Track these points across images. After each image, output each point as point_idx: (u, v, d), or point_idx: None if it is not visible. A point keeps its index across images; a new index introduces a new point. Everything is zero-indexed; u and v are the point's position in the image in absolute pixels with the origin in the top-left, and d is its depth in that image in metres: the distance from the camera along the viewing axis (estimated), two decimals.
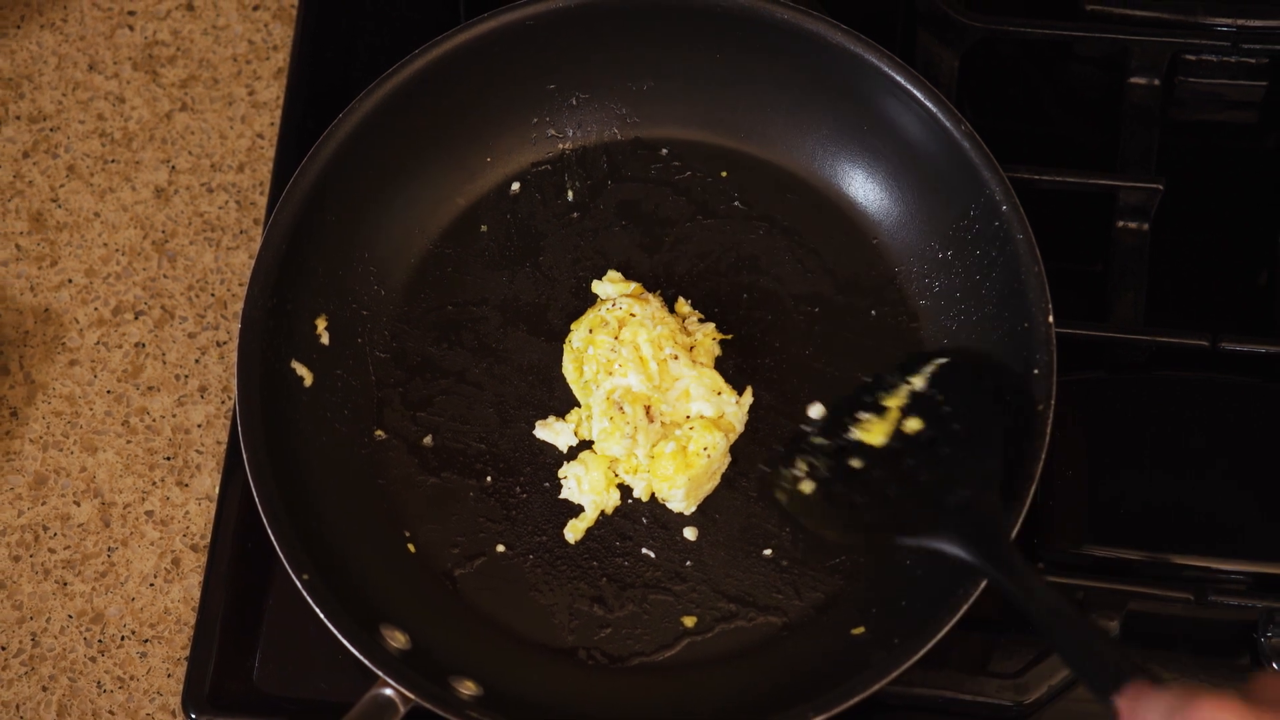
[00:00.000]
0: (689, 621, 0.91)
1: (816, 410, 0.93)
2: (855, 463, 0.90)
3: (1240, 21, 1.00)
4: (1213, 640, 0.93)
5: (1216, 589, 0.90)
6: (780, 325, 0.96)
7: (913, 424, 0.91)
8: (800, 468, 0.92)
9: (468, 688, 0.86)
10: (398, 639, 0.87)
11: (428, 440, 0.94)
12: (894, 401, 0.91)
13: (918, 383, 0.91)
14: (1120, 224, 0.98)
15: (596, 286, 0.97)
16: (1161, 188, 0.98)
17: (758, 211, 0.98)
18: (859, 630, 0.89)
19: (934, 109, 0.92)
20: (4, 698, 0.96)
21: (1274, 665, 0.90)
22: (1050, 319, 0.87)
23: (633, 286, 0.96)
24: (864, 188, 0.98)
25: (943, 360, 0.92)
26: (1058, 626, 0.78)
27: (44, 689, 0.96)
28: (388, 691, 0.84)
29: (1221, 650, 0.92)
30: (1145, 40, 1.00)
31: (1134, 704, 0.72)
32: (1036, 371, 0.87)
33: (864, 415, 0.92)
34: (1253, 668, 0.92)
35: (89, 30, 1.10)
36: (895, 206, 0.97)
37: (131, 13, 1.10)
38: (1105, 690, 0.74)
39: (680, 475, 0.91)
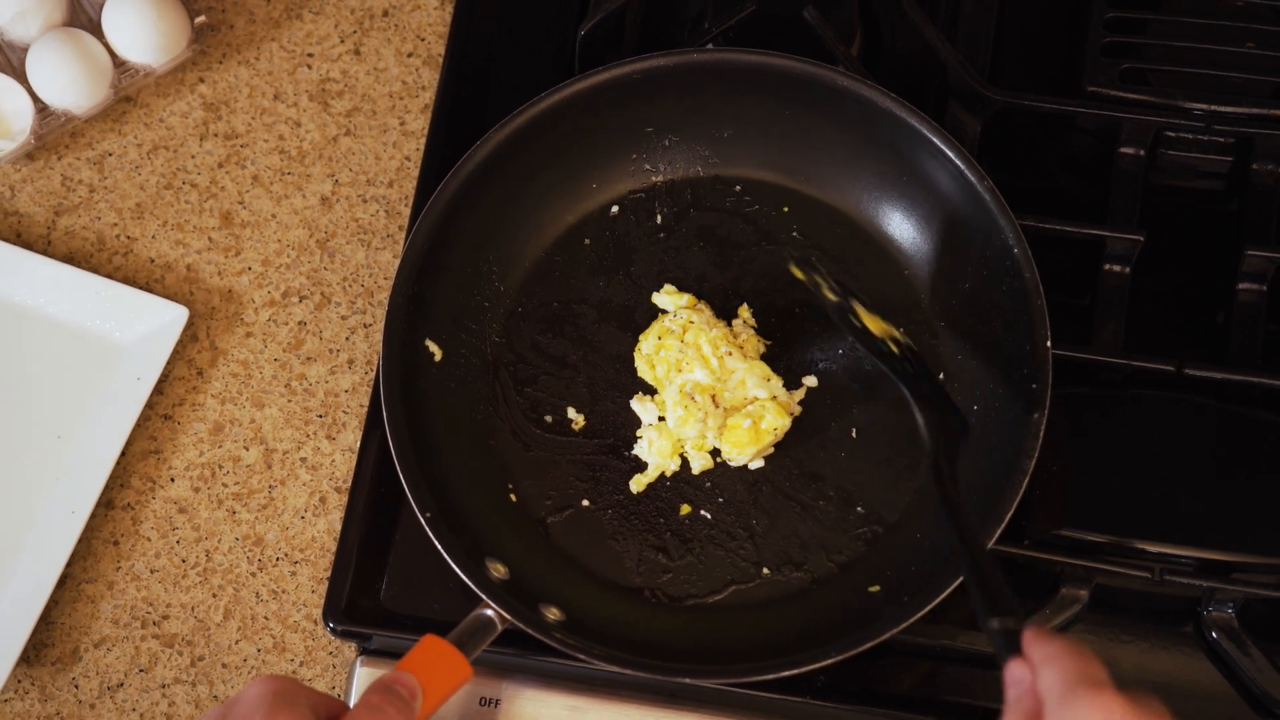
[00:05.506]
0: (735, 573, 0.93)
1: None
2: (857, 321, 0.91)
3: (1214, 107, 1.00)
4: (1165, 611, 0.92)
5: (1170, 570, 0.90)
6: (824, 335, 0.98)
7: (895, 349, 0.90)
8: (823, 283, 0.92)
9: (553, 613, 0.89)
10: (499, 570, 0.90)
11: (531, 410, 0.97)
12: (879, 328, 0.91)
13: (894, 346, 0.91)
14: (1107, 267, 0.97)
15: (655, 298, 0.99)
16: (1142, 239, 0.97)
17: (811, 241, 1.00)
18: (875, 588, 0.91)
19: (962, 166, 0.93)
20: (183, 600, 0.99)
21: (1213, 634, 0.90)
22: (1048, 344, 0.89)
23: (686, 298, 0.98)
24: (900, 227, 0.99)
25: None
26: (973, 551, 0.78)
27: (214, 596, 0.99)
28: (488, 612, 0.86)
29: (1172, 620, 0.92)
30: (1134, 118, 1.00)
31: (1039, 645, 0.70)
32: (1035, 386, 0.89)
33: (860, 309, 0.91)
34: (1196, 635, 0.91)
35: (275, 68, 1.12)
36: (925, 243, 0.98)
37: (310, 55, 1.12)
38: (994, 613, 0.73)
39: (750, 447, 0.94)
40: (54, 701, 0.98)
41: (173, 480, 1.02)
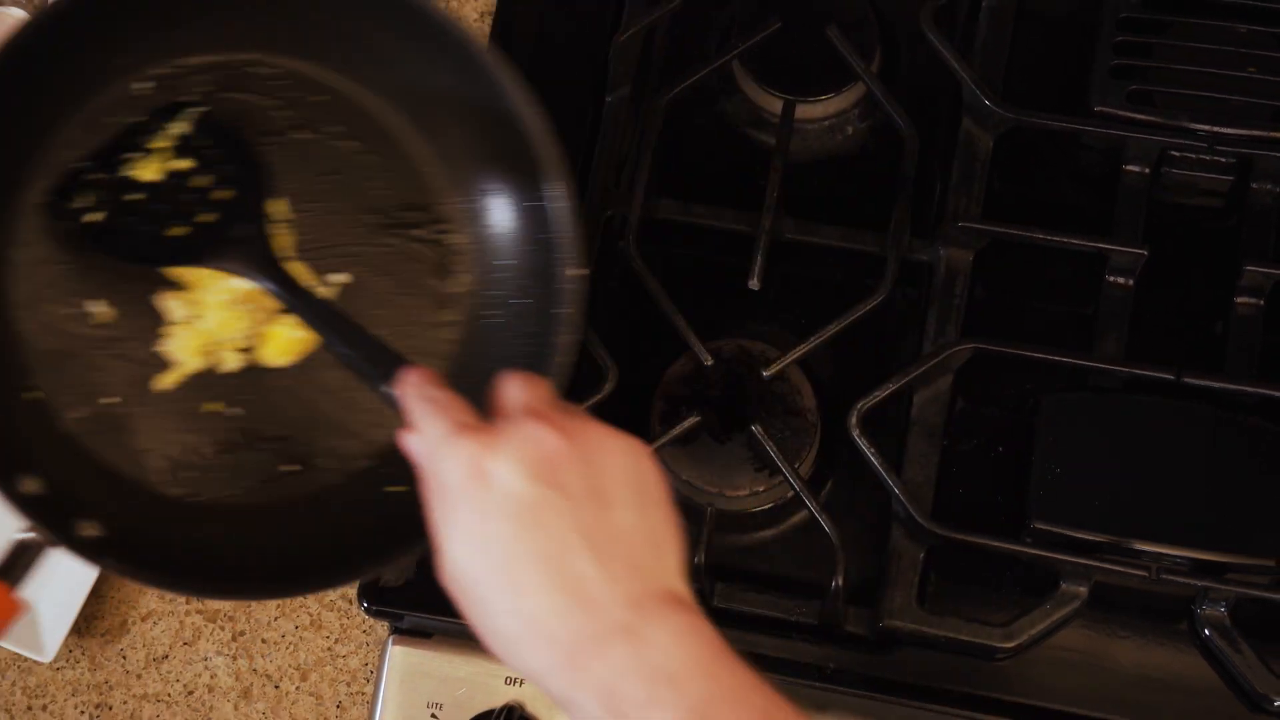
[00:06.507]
0: (267, 471, 0.86)
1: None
2: (134, 196, 0.82)
3: (1216, 128, 0.99)
4: (1161, 609, 0.92)
5: (1166, 569, 0.90)
6: (359, 230, 0.88)
7: (184, 163, 0.83)
8: (87, 199, 0.82)
9: (91, 529, 0.80)
10: (32, 485, 0.79)
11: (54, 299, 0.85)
12: (160, 143, 0.83)
13: (180, 128, 0.83)
14: (1110, 279, 0.97)
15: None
16: (1145, 253, 0.96)
17: (352, 134, 0.89)
18: (403, 489, 0.79)
19: (492, 71, 0.82)
20: None
21: (1207, 632, 0.91)
22: (573, 273, 0.82)
23: None
24: (448, 137, 0.88)
25: (202, 108, 0.84)
26: (333, 325, 0.78)
27: None
28: (30, 534, 0.77)
29: (1167, 617, 0.92)
30: (1139, 137, 0.99)
31: (417, 390, 0.70)
32: (562, 310, 0.82)
33: (130, 155, 0.82)
34: (1190, 632, 0.92)
35: None
36: (469, 157, 0.88)
37: None
38: (380, 378, 0.73)
39: (288, 356, 0.87)
40: (103, 671, 1.00)
41: None
